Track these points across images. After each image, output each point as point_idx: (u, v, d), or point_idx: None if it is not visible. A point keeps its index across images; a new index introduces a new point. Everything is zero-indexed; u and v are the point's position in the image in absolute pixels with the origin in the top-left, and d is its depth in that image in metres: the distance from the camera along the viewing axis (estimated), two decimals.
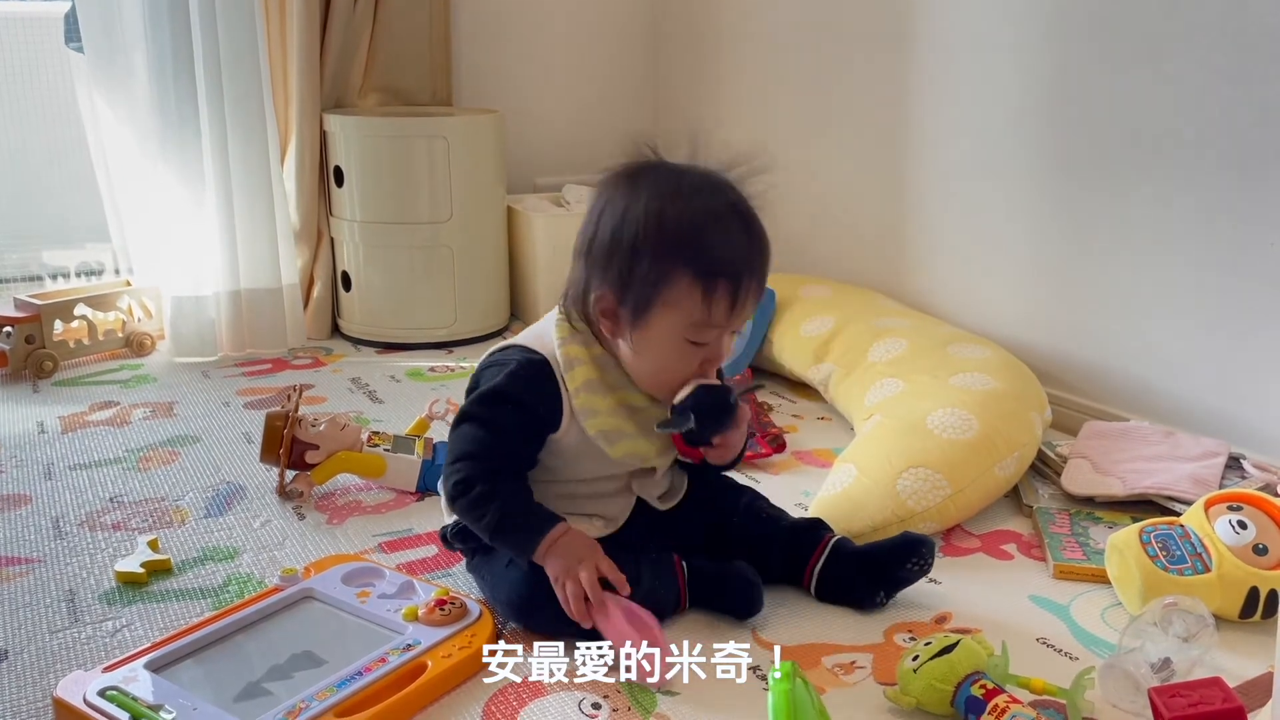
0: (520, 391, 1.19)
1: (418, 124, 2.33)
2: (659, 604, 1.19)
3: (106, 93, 2.24)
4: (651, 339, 1.16)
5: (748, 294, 1.15)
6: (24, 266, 2.44)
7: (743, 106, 2.61)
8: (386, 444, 1.63)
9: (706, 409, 1.15)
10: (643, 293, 1.14)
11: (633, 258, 1.13)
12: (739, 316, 1.16)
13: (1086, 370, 1.85)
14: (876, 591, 1.25)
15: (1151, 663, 1.05)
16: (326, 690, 1.05)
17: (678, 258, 1.12)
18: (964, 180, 2.04)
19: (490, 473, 1.18)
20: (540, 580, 1.16)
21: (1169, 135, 1.67)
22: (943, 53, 2.04)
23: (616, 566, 1.15)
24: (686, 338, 1.15)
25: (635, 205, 1.14)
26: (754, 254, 1.17)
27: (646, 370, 1.19)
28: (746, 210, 1.19)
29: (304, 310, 2.42)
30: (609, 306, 1.16)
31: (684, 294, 1.13)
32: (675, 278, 1.13)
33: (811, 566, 1.27)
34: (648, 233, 1.13)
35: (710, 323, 1.14)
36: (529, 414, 1.19)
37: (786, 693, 0.88)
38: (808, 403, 2.00)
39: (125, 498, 1.58)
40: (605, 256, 1.15)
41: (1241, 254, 1.60)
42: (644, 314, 1.14)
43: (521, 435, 1.20)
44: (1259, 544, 1.23)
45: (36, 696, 1.10)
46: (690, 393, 1.16)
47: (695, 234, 1.13)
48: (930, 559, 1.26)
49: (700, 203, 1.16)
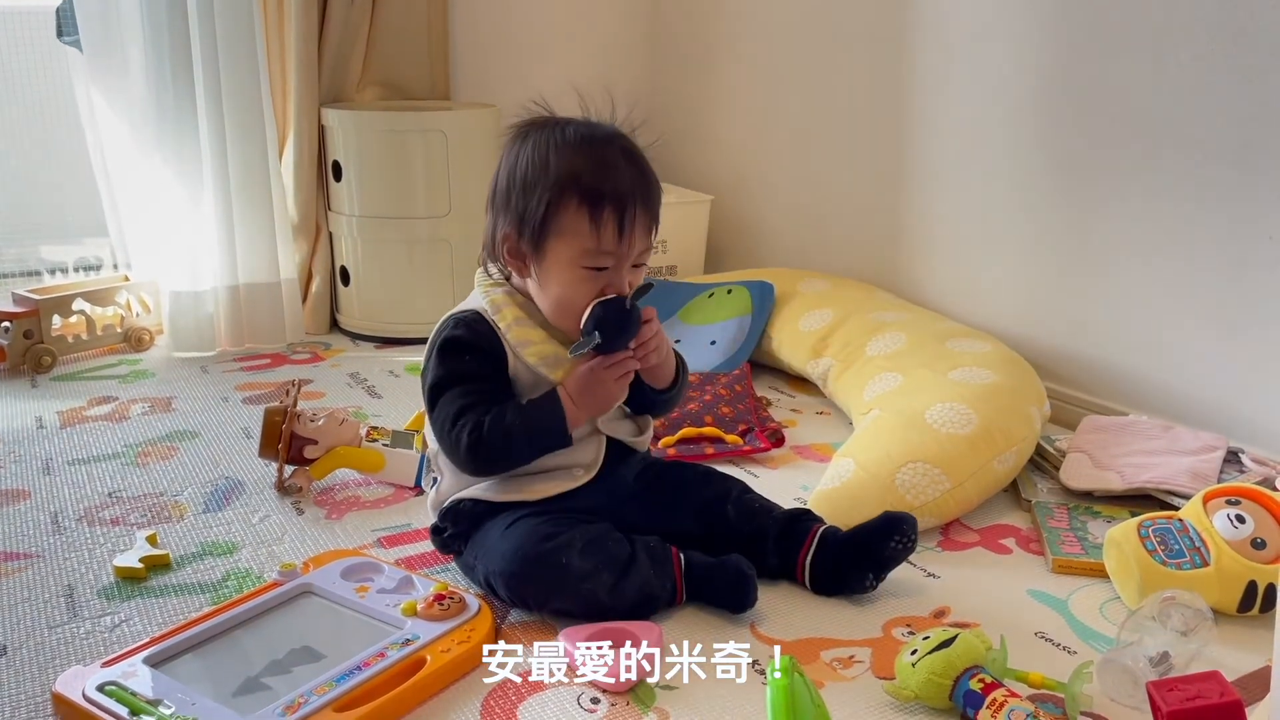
0: (466, 338, 1.26)
1: (416, 118, 2.32)
2: (653, 594, 1.20)
3: (103, 87, 2.23)
4: (550, 269, 1.23)
5: (635, 222, 1.21)
6: (22, 261, 2.44)
7: (740, 98, 2.60)
8: (385, 439, 1.63)
9: (606, 321, 1.20)
10: (537, 224, 1.21)
11: (525, 193, 1.22)
12: (629, 244, 1.22)
13: (1085, 365, 1.85)
14: (865, 575, 1.26)
15: (1150, 657, 1.05)
16: (325, 685, 1.05)
17: (565, 187, 1.20)
18: (962, 174, 2.04)
19: (487, 407, 1.23)
20: (535, 542, 1.19)
21: (1167, 129, 1.67)
22: (941, 45, 2.04)
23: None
24: (581, 264, 1.22)
25: (525, 149, 1.24)
26: (639, 185, 1.23)
27: (552, 303, 1.25)
28: (631, 148, 1.26)
29: (302, 305, 2.42)
30: (512, 245, 1.25)
31: (573, 220, 1.20)
32: (564, 206, 1.20)
33: (803, 559, 1.28)
34: (537, 168, 1.22)
35: (601, 249, 1.21)
36: (483, 353, 1.26)
37: (785, 688, 0.88)
38: (806, 397, 2.00)
39: (124, 493, 1.58)
40: (504, 198, 1.25)
41: (1240, 247, 1.60)
42: (541, 245, 1.22)
43: (488, 371, 1.26)
44: (1257, 538, 1.23)
45: (35, 691, 1.10)
46: (589, 312, 1.20)
47: (581, 164, 1.21)
48: (913, 535, 1.26)
49: (586, 141, 1.24)
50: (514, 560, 1.19)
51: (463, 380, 1.25)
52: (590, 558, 1.18)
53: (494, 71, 2.65)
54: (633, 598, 1.19)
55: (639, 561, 1.20)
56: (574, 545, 1.18)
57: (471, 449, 1.22)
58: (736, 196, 2.63)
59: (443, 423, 1.25)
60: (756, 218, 2.59)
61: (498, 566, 1.22)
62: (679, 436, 1.71)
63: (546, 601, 1.20)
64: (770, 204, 2.55)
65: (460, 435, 1.22)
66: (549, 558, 1.18)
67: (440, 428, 1.26)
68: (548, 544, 1.19)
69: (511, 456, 1.25)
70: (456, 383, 1.25)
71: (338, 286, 2.44)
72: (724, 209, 2.63)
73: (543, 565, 1.18)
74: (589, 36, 2.79)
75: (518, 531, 1.22)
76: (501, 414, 1.22)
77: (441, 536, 1.33)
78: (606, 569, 1.18)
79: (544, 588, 1.19)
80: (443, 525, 1.32)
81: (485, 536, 1.26)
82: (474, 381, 1.25)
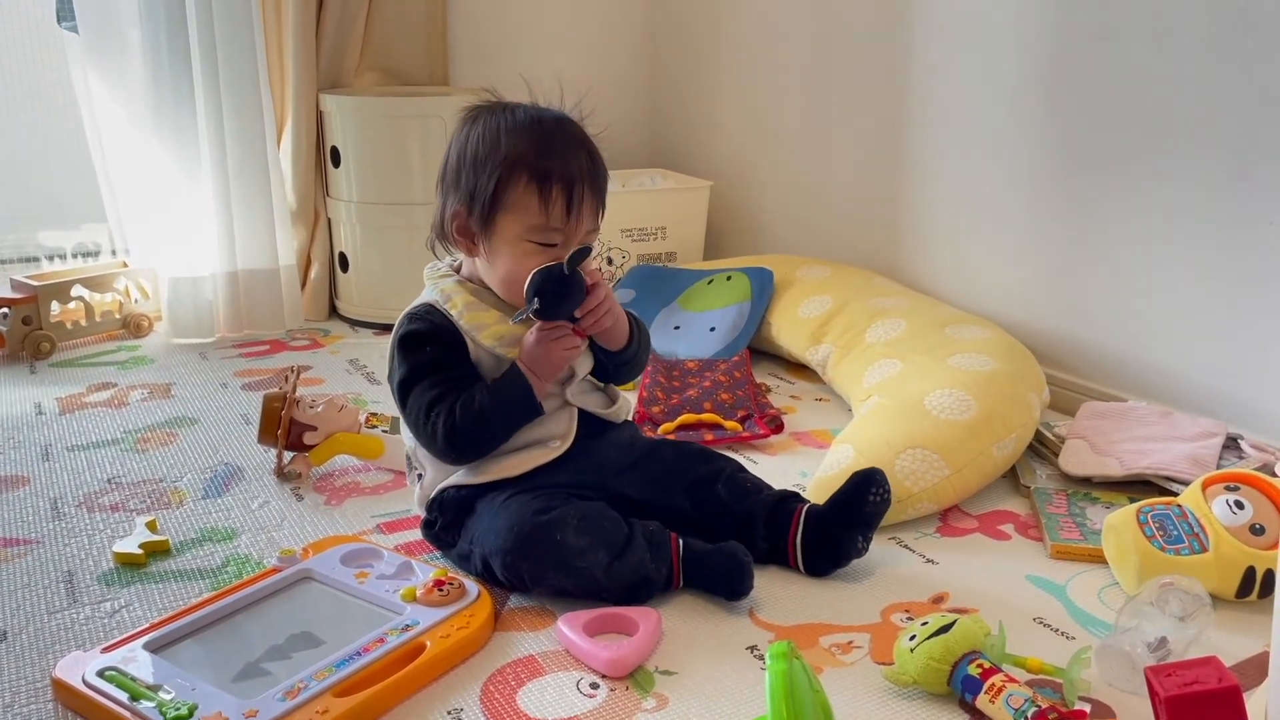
0: (424, 330, 1.28)
1: (414, 104, 2.32)
2: (649, 577, 1.20)
3: (101, 73, 2.23)
4: (498, 246, 1.25)
5: (583, 200, 1.24)
6: (20, 247, 2.44)
7: (740, 85, 2.59)
8: (384, 425, 1.63)
9: (544, 288, 1.21)
10: (487, 200, 1.24)
11: (475, 171, 1.25)
12: (577, 222, 1.25)
13: (1084, 351, 1.85)
14: (855, 537, 1.26)
15: (1148, 642, 1.06)
16: (325, 670, 1.05)
17: (515, 164, 1.23)
18: (962, 160, 2.03)
19: (456, 395, 1.25)
20: (528, 516, 1.20)
21: (1168, 114, 1.66)
22: (941, 31, 2.03)
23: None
24: (529, 239, 1.24)
25: (476, 129, 1.27)
26: (587, 166, 1.26)
27: (500, 279, 1.27)
28: (579, 133, 1.29)
29: (301, 291, 2.42)
30: (462, 222, 1.27)
31: (521, 195, 1.23)
32: (513, 181, 1.23)
33: (792, 541, 1.28)
34: (488, 147, 1.25)
35: (549, 225, 1.23)
36: (443, 342, 1.27)
37: (783, 673, 0.88)
38: (805, 383, 2.00)
39: (123, 479, 1.59)
40: (455, 176, 1.28)
41: (1241, 233, 1.60)
42: (490, 220, 1.25)
43: (451, 360, 1.27)
44: (1256, 524, 1.23)
45: (35, 677, 1.10)
46: (529, 280, 1.22)
47: (530, 143, 1.24)
48: (886, 485, 1.28)
49: (536, 123, 1.26)
50: (508, 536, 1.20)
51: (428, 372, 1.27)
52: (585, 534, 1.18)
53: (492, 57, 2.64)
54: (628, 578, 1.19)
55: (635, 543, 1.20)
56: (568, 522, 1.18)
57: (448, 437, 1.24)
58: (736, 183, 2.62)
59: (416, 416, 1.26)
60: (756, 204, 2.58)
61: (492, 544, 1.22)
62: (678, 423, 1.71)
63: (542, 578, 1.20)
64: (770, 190, 2.54)
65: (435, 426, 1.24)
66: (543, 532, 1.18)
67: (415, 422, 1.27)
68: (541, 518, 1.19)
69: (488, 437, 1.26)
70: (423, 375, 1.26)
71: (336, 273, 2.44)
72: (723, 195, 2.63)
73: (537, 540, 1.18)
74: (588, 21, 2.77)
75: (511, 508, 1.22)
76: (471, 397, 1.24)
77: (433, 530, 1.33)
78: (602, 547, 1.18)
79: (539, 564, 1.19)
80: (432, 518, 1.32)
81: (478, 520, 1.26)
82: (439, 372, 1.26)
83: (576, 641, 1.12)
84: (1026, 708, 0.97)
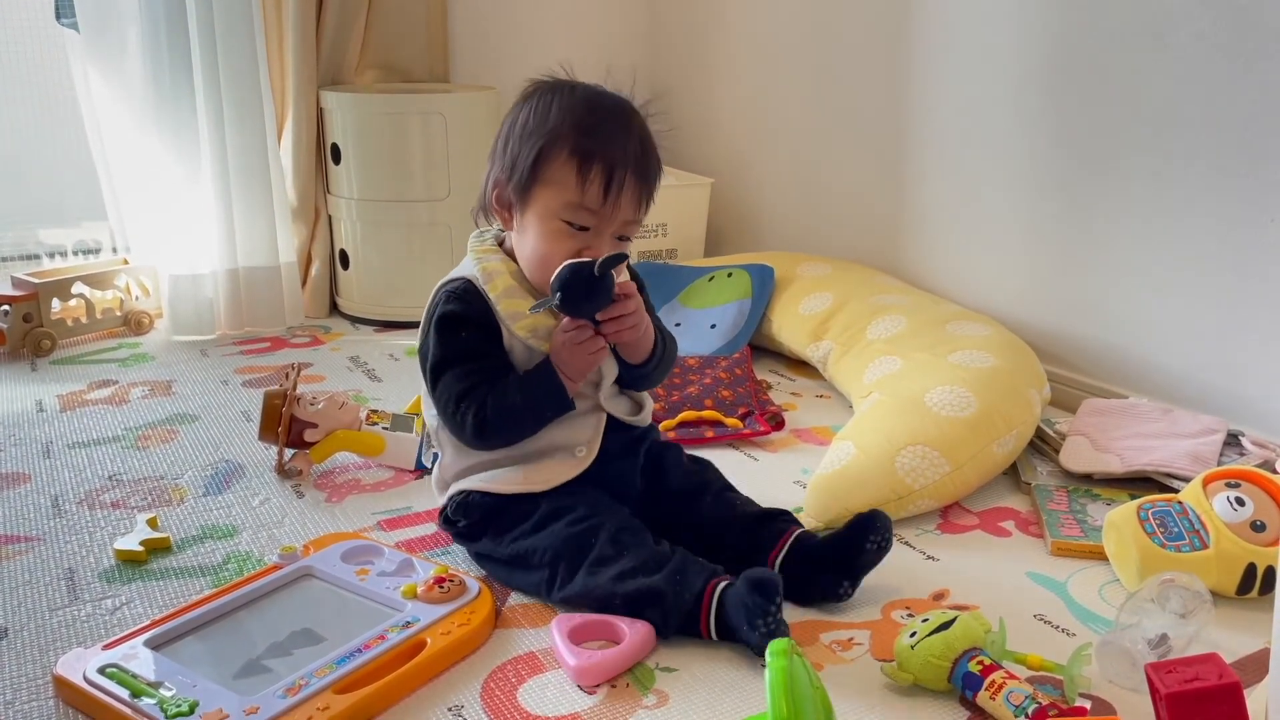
0: (460, 312, 1.25)
1: (415, 101, 2.31)
2: (664, 609, 1.14)
3: (101, 70, 2.22)
4: (531, 220, 1.22)
5: (624, 186, 1.20)
6: (21, 245, 2.43)
7: (741, 81, 2.59)
8: (385, 422, 1.63)
9: (570, 284, 1.17)
10: (526, 170, 1.21)
11: (521, 141, 1.22)
12: (614, 207, 1.20)
13: (1085, 347, 1.85)
14: (840, 583, 1.21)
15: (1148, 639, 1.06)
16: (326, 667, 1.05)
17: (558, 136, 1.20)
18: (963, 156, 2.03)
19: (489, 386, 1.23)
20: (579, 524, 1.19)
21: (1169, 110, 1.66)
22: (941, 28, 2.03)
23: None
24: (561, 216, 1.20)
25: (532, 104, 1.24)
26: (635, 152, 1.21)
27: (529, 256, 1.23)
28: (636, 121, 1.25)
29: (302, 288, 2.42)
30: (501, 191, 1.24)
31: (560, 170, 1.19)
32: (555, 154, 1.20)
33: (773, 559, 1.22)
34: (537, 119, 1.22)
35: (583, 204, 1.19)
36: (479, 325, 1.24)
37: (784, 670, 0.88)
38: (806, 380, 2.00)
39: (124, 476, 1.59)
40: (503, 146, 1.25)
41: (1241, 230, 1.59)
42: (527, 193, 1.21)
43: (486, 346, 1.25)
44: (1257, 520, 1.23)
45: (36, 674, 1.10)
46: (558, 271, 1.18)
47: (578, 119, 1.21)
48: (887, 533, 1.21)
49: (594, 101, 1.24)
50: (560, 542, 1.20)
51: (462, 360, 1.24)
52: (615, 545, 1.17)
53: (493, 53, 2.64)
54: (635, 590, 1.15)
55: (666, 582, 1.14)
56: (604, 531, 1.18)
57: (478, 429, 1.23)
58: (737, 180, 2.62)
59: (446, 403, 1.25)
60: (757, 201, 2.58)
61: (550, 555, 1.20)
62: (679, 420, 1.71)
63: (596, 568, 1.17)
64: (771, 187, 2.54)
65: (465, 417, 1.23)
66: (580, 540, 1.18)
67: (444, 408, 1.25)
68: (576, 528, 1.19)
69: (518, 430, 1.25)
70: (456, 362, 1.24)
71: (337, 270, 2.44)
72: (724, 192, 2.63)
73: (583, 538, 1.18)
74: (589, 17, 2.77)
75: (551, 525, 1.21)
76: (504, 392, 1.22)
77: (455, 527, 1.32)
78: (631, 559, 1.16)
79: (590, 552, 1.18)
80: (456, 518, 1.31)
81: (525, 532, 1.24)
82: (473, 360, 1.24)
83: (557, 644, 1.12)
84: (1027, 704, 0.97)
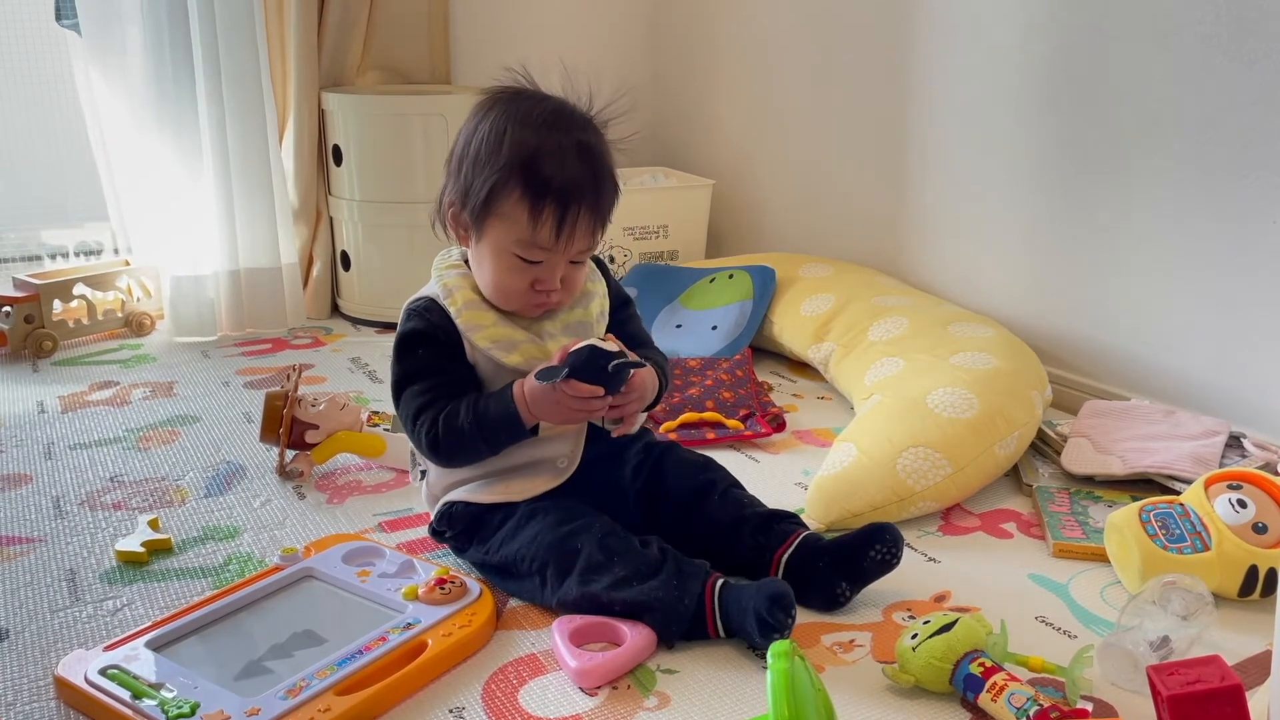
0: (421, 329, 1.24)
1: (416, 102, 2.31)
2: (666, 617, 1.13)
3: (103, 71, 2.23)
4: (486, 249, 1.22)
5: (576, 222, 1.18)
6: (22, 246, 2.44)
7: (742, 82, 2.59)
8: (386, 423, 1.63)
9: (583, 369, 1.15)
10: (479, 203, 1.20)
11: (474, 168, 1.20)
12: (568, 243, 1.19)
13: (1087, 349, 1.85)
14: (838, 582, 1.19)
15: (1150, 641, 1.06)
16: (327, 669, 1.05)
17: (511, 174, 1.18)
18: (964, 158, 2.03)
19: (443, 404, 1.21)
20: (560, 527, 1.19)
21: (1170, 112, 1.66)
22: (943, 29, 2.03)
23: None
24: (515, 253, 1.20)
25: (486, 121, 1.21)
26: (588, 185, 1.19)
27: (486, 281, 1.24)
28: (590, 144, 1.21)
29: (303, 290, 2.42)
30: (455, 214, 1.24)
31: (513, 209, 1.18)
32: (507, 192, 1.18)
33: (779, 557, 1.22)
34: (490, 147, 1.19)
35: (535, 242, 1.19)
36: (442, 343, 1.24)
37: (785, 671, 0.88)
38: (808, 382, 2.00)
39: (125, 477, 1.59)
40: (456, 166, 1.24)
41: (1243, 232, 1.59)
42: (481, 223, 1.21)
43: (445, 363, 1.24)
44: (1258, 522, 1.23)
45: (38, 675, 1.10)
46: (575, 349, 1.16)
47: (531, 155, 1.18)
48: (895, 548, 1.19)
49: (545, 129, 1.20)
50: (546, 548, 1.18)
51: (419, 376, 1.23)
52: (605, 552, 1.16)
53: (494, 54, 2.64)
54: (635, 598, 1.14)
55: (662, 582, 1.14)
56: (591, 535, 1.17)
57: (432, 448, 1.22)
58: (738, 181, 2.62)
59: (406, 420, 1.24)
60: (758, 202, 2.58)
61: (540, 560, 1.19)
62: (680, 421, 1.71)
63: (586, 570, 1.16)
64: (772, 188, 2.54)
65: (421, 435, 1.22)
66: (566, 542, 1.17)
67: (406, 426, 1.25)
68: (561, 530, 1.18)
69: (473, 453, 1.23)
70: (414, 380, 1.24)
71: (338, 271, 2.44)
72: (726, 193, 2.63)
73: (566, 540, 1.17)
74: (590, 19, 2.77)
75: (531, 528, 1.21)
76: (455, 413, 1.20)
77: (443, 538, 1.32)
78: (622, 566, 1.15)
79: (580, 555, 1.17)
80: (441, 528, 1.31)
81: (517, 533, 1.23)
82: (430, 377, 1.23)
83: (558, 645, 1.12)
84: (1029, 707, 0.97)
